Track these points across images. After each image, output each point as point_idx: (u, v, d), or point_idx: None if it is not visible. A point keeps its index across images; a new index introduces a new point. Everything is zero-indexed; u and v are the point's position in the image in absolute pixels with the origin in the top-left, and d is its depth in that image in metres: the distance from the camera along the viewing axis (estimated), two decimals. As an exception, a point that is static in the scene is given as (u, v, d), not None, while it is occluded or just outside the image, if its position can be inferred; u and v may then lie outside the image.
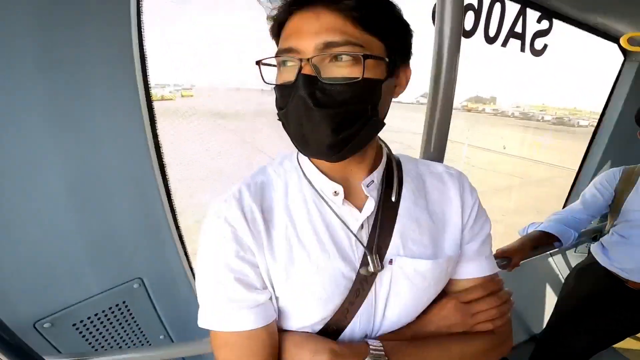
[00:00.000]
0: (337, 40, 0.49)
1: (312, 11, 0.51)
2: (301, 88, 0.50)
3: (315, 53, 0.50)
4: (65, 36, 0.82)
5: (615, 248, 1.49)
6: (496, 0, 1.45)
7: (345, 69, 0.50)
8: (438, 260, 0.60)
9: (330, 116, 0.51)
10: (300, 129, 0.53)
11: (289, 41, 0.52)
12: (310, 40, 0.50)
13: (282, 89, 0.54)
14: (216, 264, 0.55)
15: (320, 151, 0.53)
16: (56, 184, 0.89)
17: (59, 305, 0.94)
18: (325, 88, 0.50)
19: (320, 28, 0.50)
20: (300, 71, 0.50)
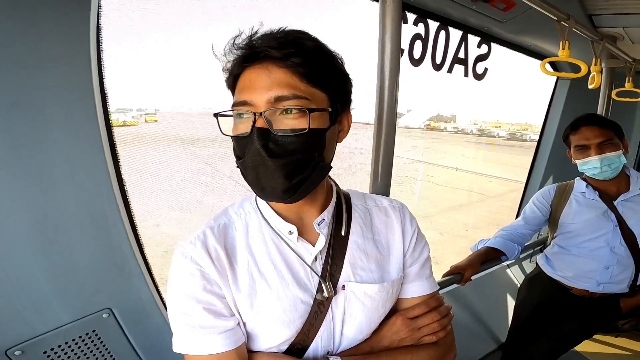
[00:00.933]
0: (286, 94, 0.56)
1: (263, 67, 0.57)
2: (256, 141, 0.56)
3: (267, 106, 0.56)
4: (22, 77, 0.84)
5: (556, 258, 1.60)
6: (441, 29, 1.57)
7: (293, 121, 0.57)
8: (384, 284, 0.68)
9: (282, 165, 0.57)
10: (257, 177, 0.59)
11: (243, 95, 0.58)
12: (262, 94, 0.56)
13: (238, 140, 0.60)
14: (185, 297, 0.61)
15: (276, 195, 0.60)
16: (17, 226, 0.91)
17: (29, 334, 0.95)
18: (277, 139, 0.57)
19: (271, 83, 0.56)
20: (254, 124, 0.56)
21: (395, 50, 0.90)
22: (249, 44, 0.59)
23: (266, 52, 0.56)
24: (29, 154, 0.89)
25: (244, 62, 0.59)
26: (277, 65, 0.57)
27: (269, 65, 0.57)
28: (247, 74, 0.59)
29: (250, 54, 0.58)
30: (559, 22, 1.30)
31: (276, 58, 0.56)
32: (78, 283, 1.02)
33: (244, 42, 0.60)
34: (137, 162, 8.55)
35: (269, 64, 0.57)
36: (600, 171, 1.41)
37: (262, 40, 0.58)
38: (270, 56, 0.57)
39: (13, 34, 0.80)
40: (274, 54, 0.56)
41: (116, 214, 1.07)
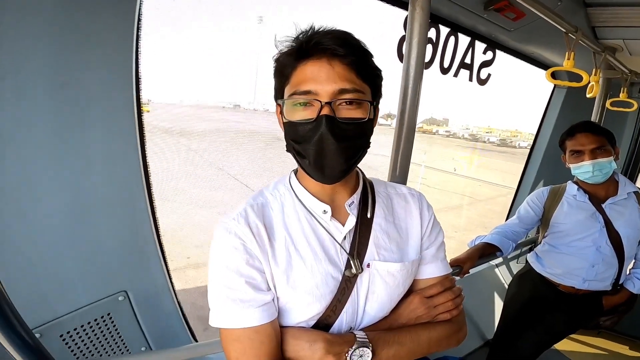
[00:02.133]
0: (348, 88, 0.63)
1: (325, 61, 0.63)
2: (324, 126, 0.61)
3: (332, 96, 0.62)
4: (75, 58, 0.88)
5: (546, 256, 1.70)
6: (451, 34, 1.64)
7: (353, 111, 0.64)
8: (404, 263, 0.73)
9: (344, 148, 0.64)
10: (320, 159, 0.64)
11: (307, 85, 0.63)
12: (327, 85, 0.62)
13: (300, 126, 0.64)
14: (229, 270, 0.65)
15: (334, 175, 0.66)
16: (54, 202, 0.93)
17: (49, 316, 0.97)
18: (340, 126, 0.63)
19: (335, 76, 0.62)
20: (320, 111, 0.62)
21: (420, 55, 0.96)
22: (311, 39, 0.63)
23: (332, 48, 0.62)
24: (69, 133, 0.92)
25: (305, 55, 0.64)
26: (340, 61, 0.63)
27: (332, 61, 0.62)
28: (309, 66, 0.63)
29: (314, 49, 0.63)
30: (566, 33, 1.36)
31: (339, 55, 0.62)
32: (100, 264, 1.05)
33: (304, 36, 0.64)
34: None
35: (333, 59, 0.63)
36: (592, 175, 1.50)
37: (326, 38, 0.63)
38: (334, 52, 0.62)
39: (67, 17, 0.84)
40: (338, 51, 0.62)
41: (142, 198, 1.10)
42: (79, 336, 1.03)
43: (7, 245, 0.89)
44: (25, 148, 0.86)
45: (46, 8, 0.81)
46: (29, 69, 0.82)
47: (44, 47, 0.83)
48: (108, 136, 0.98)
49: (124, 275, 1.11)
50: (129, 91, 0.98)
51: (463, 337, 0.80)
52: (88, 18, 0.86)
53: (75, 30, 0.85)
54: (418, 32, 0.94)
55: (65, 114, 0.90)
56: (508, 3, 1.40)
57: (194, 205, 7.43)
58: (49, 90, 0.85)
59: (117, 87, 0.97)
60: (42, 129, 0.87)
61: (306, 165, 0.67)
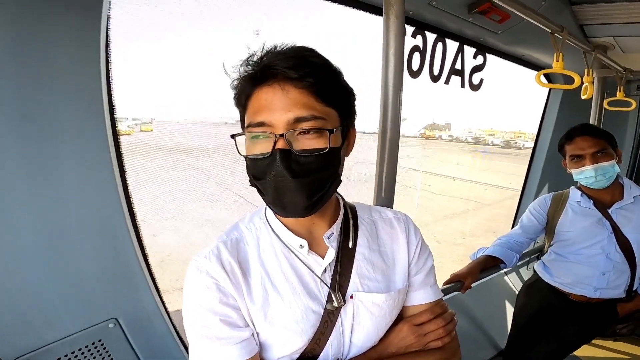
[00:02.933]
0: (305, 115, 0.57)
1: (279, 86, 0.57)
2: (278, 162, 0.57)
3: (287, 127, 0.57)
4: (36, 87, 0.85)
5: (554, 265, 1.64)
6: (438, 40, 1.61)
7: (313, 141, 0.59)
8: (390, 293, 0.70)
9: (305, 184, 0.59)
10: (279, 196, 0.60)
11: (260, 115, 0.58)
12: (281, 115, 0.57)
13: (257, 161, 0.60)
14: (202, 310, 0.62)
15: (297, 212, 0.62)
16: (28, 234, 0.92)
17: (37, 344, 0.96)
18: (298, 160, 0.58)
19: (289, 104, 0.57)
20: (274, 145, 0.57)
21: (398, 64, 0.92)
22: (262, 62, 0.58)
23: (283, 72, 0.56)
24: (40, 165, 0.90)
25: (257, 81, 0.59)
26: (294, 86, 0.57)
27: (285, 85, 0.57)
28: (262, 94, 0.59)
29: (264, 73, 0.58)
30: (552, 34, 1.33)
31: (292, 78, 0.57)
32: (85, 293, 1.03)
33: (256, 60, 0.60)
34: (135, 172, 8.50)
35: (286, 84, 0.57)
36: (595, 180, 1.45)
37: (276, 59, 0.57)
38: (286, 76, 0.57)
39: (25, 46, 0.82)
40: (290, 74, 0.56)
41: (123, 225, 1.08)
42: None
43: None
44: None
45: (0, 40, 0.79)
46: None
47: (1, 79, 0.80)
48: (81, 164, 0.97)
49: (112, 302, 1.09)
50: (100, 116, 0.96)
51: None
52: (47, 46, 0.84)
53: (34, 60, 0.83)
54: (394, 41, 0.91)
55: (32, 146, 0.88)
56: (491, 5, 1.37)
57: (197, 223, 7.41)
58: (10, 123, 0.83)
59: (87, 113, 0.94)
60: (9, 163, 0.85)
61: (268, 202, 0.64)
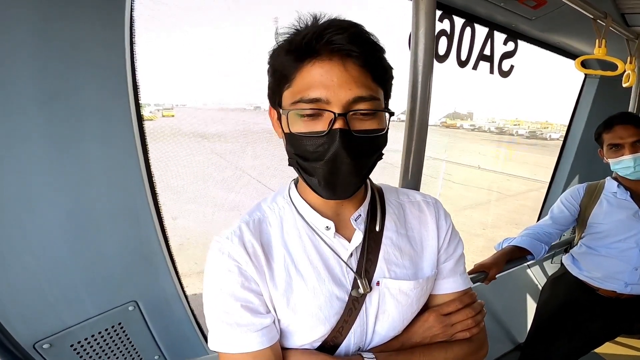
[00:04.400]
0: (365, 95, 0.54)
1: (337, 62, 0.53)
2: (338, 142, 0.53)
3: (347, 107, 0.53)
4: (62, 68, 0.85)
5: (584, 258, 1.58)
6: (466, 25, 1.55)
7: (369, 122, 0.56)
8: (418, 280, 0.67)
9: (361, 166, 0.57)
10: (331, 178, 0.57)
11: (316, 91, 0.53)
12: (341, 92, 0.53)
13: (308, 139, 0.56)
14: (223, 295, 0.60)
15: (346, 195, 0.59)
16: (53, 213, 0.92)
17: (58, 327, 0.97)
18: (357, 141, 0.55)
19: (350, 81, 0.53)
20: (332, 124, 0.53)
21: (429, 47, 0.89)
22: (321, 35, 0.53)
23: (345, 47, 0.52)
24: (65, 145, 0.91)
25: (311, 54, 0.54)
26: (354, 62, 0.53)
27: (346, 61, 0.53)
28: (317, 68, 0.54)
29: (322, 47, 0.53)
30: (595, 20, 1.27)
31: (353, 55, 0.53)
32: (107, 275, 1.04)
33: (310, 31, 0.54)
34: (157, 156, 8.72)
35: (347, 60, 0.53)
36: (634, 171, 1.38)
37: (335, 33, 0.52)
38: (348, 52, 0.53)
39: (51, 25, 0.82)
40: (352, 50, 0.52)
41: (146, 207, 1.08)
42: (90, 346, 1.04)
43: (8, 258, 0.89)
44: (20, 162, 0.85)
45: (28, 19, 0.79)
46: (14, 82, 0.81)
47: (28, 59, 0.81)
48: (106, 144, 0.97)
49: (132, 285, 1.10)
50: (124, 97, 0.96)
51: (484, 356, 0.73)
52: (74, 26, 0.85)
53: (61, 39, 0.84)
54: (424, 22, 0.87)
55: (59, 125, 0.88)
56: (527, -9, 1.30)
57: (218, 207, 7.55)
58: (38, 102, 0.84)
59: (112, 93, 0.94)
60: (35, 142, 0.86)
61: (314, 183, 0.59)
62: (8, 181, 0.85)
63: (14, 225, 0.88)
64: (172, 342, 1.21)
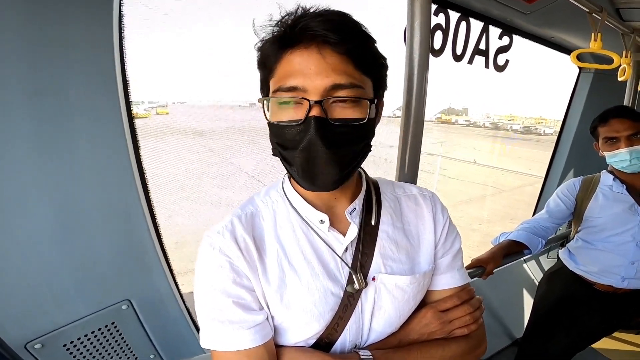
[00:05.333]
0: (343, 83, 0.53)
1: (316, 49, 0.52)
2: (313, 130, 0.52)
3: (323, 94, 0.52)
4: (47, 63, 0.83)
5: (580, 253, 1.58)
6: (462, 19, 1.54)
7: (349, 110, 0.54)
8: (415, 276, 0.65)
9: (339, 156, 0.55)
10: (308, 168, 0.56)
11: (293, 79, 0.53)
12: (317, 80, 0.52)
13: (286, 128, 0.55)
14: (214, 291, 0.58)
15: (326, 186, 0.58)
16: (41, 213, 0.91)
17: (49, 327, 0.96)
18: (334, 129, 0.53)
19: (327, 69, 0.52)
20: (309, 112, 0.52)
21: (424, 41, 0.87)
22: (298, 23, 0.53)
23: (322, 35, 0.51)
24: (53, 143, 0.88)
25: (290, 43, 0.53)
26: (332, 50, 0.52)
27: (323, 49, 0.52)
28: (296, 56, 0.53)
29: (300, 35, 0.52)
30: (590, 14, 1.27)
31: (331, 42, 0.52)
32: (99, 274, 1.02)
33: (289, 19, 0.54)
34: (151, 153, 8.68)
35: (324, 48, 0.52)
36: (630, 164, 1.38)
37: (314, 21, 0.52)
38: (325, 39, 0.52)
39: (37, 22, 0.80)
40: (329, 38, 0.51)
41: (137, 205, 1.06)
42: (83, 345, 1.02)
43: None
44: (7, 160, 0.83)
45: (16, 15, 0.77)
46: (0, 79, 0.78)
47: (14, 56, 0.79)
48: (95, 142, 0.94)
49: (125, 283, 1.08)
50: (114, 95, 0.94)
51: (482, 353, 0.72)
52: (61, 21, 0.82)
53: (47, 35, 0.81)
54: (420, 15, 0.86)
55: (47, 122, 0.86)
56: (520, -16, 1.29)
57: (214, 205, 7.52)
58: (25, 99, 0.82)
59: (101, 91, 0.92)
60: (23, 140, 0.84)
61: (294, 173, 0.58)
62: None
63: (1, 224, 0.86)
64: (167, 341, 1.20)
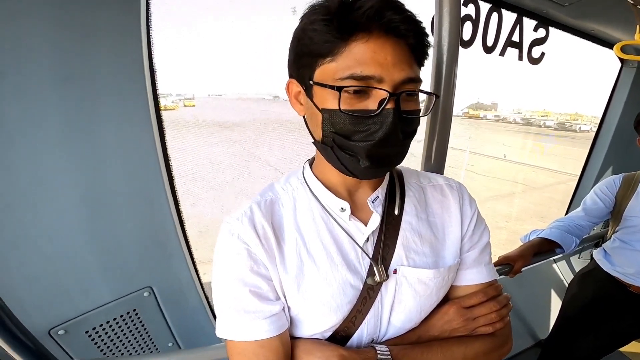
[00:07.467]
0: (414, 77, 0.52)
1: (391, 41, 0.51)
2: (391, 122, 0.51)
3: (397, 87, 0.51)
4: (78, 50, 0.85)
5: (617, 253, 1.51)
6: (493, 10, 1.48)
7: (412, 103, 0.54)
8: (439, 269, 0.62)
9: (405, 147, 0.55)
10: (375, 158, 0.54)
11: (368, 68, 0.50)
12: (395, 72, 0.51)
13: (353, 117, 0.52)
14: (231, 279, 0.57)
15: (382, 174, 0.58)
16: (67, 198, 0.91)
17: (73, 313, 0.96)
18: (406, 121, 0.53)
19: (402, 61, 0.51)
20: (385, 104, 0.51)
21: (454, 32, 0.84)
22: (378, 12, 0.50)
23: (404, 28, 0.50)
24: (80, 128, 0.89)
25: (360, 29, 0.50)
26: (406, 43, 0.51)
27: (398, 41, 0.51)
28: (370, 44, 0.50)
29: (375, 23, 0.50)
30: (635, 5, 1.19)
31: (404, 34, 0.51)
32: (123, 260, 1.03)
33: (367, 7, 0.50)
34: (178, 144, 8.92)
35: (398, 39, 0.51)
36: None
37: (387, 9, 0.50)
38: (400, 31, 0.50)
39: (67, 8, 0.81)
40: (403, 30, 0.50)
41: (162, 192, 1.06)
42: (105, 332, 1.03)
43: (23, 242, 0.88)
44: (34, 144, 0.85)
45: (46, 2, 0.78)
46: (29, 64, 0.80)
47: (44, 41, 0.80)
48: (122, 129, 0.95)
49: (147, 270, 1.08)
50: (141, 82, 0.95)
51: (507, 353, 0.68)
52: (90, 10, 0.84)
53: (77, 23, 0.83)
54: (449, 2, 0.83)
55: (73, 108, 0.87)
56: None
57: (237, 194, 7.66)
58: (53, 84, 0.83)
59: (128, 78, 0.93)
60: (50, 124, 0.85)
61: (351, 163, 0.56)
62: (23, 164, 0.84)
63: (29, 209, 0.87)
64: (185, 329, 1.20)
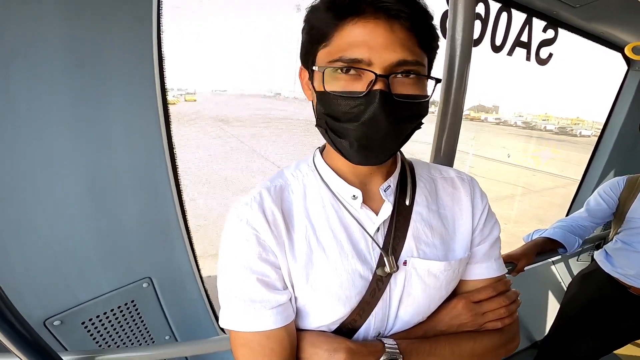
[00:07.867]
0: (410, 60, 0.50)
1: (383, 22, 0.49)
2: (378, 104, 0.49)
3: (389, 69, 0.50)
4: (90, 37, 0.84)
5: (618, 254, 1.51)
6: (503, 10, 1.48)
7: (411, 87, 0.52)
8: (450, 262, 0.62)
9: (399, 132, 0.53)
10: (365, 142, 0.53)
11: (358, 51, 0.50)
12: (384, 54, 0.49)
13: (342, 99, 0.52)
14: (239, 266, 0.56)
15: (377, 160, 0.55)
16: (70, 185, 0.90)
17: (70, 303, 0.95)
18: (398, 105, 0.51)
19: (395, 42, 0.49)
20: (373, 85, 0.50)
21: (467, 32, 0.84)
22: None
23: (393, 7, 0.48)
24: (88, 114, 0.89)
25: (355, 12, 0.50)
26: (401, 24, 0.49)
27: (393, 22, 0.49)
28: (360, 27, 0.50)
29: (368, 5, 0.49)
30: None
31: (401, 16, 0.49)
32: (123, 248, 1.01)
33: None
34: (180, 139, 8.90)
35: (394, 21, 0.49)
36: None
37: None
38: (395, 12, 0.49)
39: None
40: (400, 11, 0.49)
41: (165, 180, 1.04)
42: (101, 324, 1.01)
43: (24, 227, 0.87)
44: (41, 127, 0.84)
45: None
46: (41, 49, 0.79)
47: (56, 27, 0.80)
48: (128, 117, 0.95)
49: (148, 260, 1.06)
50: (149, 71, 0.94)
51: (515, 349, 0.68)
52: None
53: (89, 10, 0.82)
54: (464, 5, 0.82)
55: (82, 94, 0.87)
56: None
57: (237, 190, 7.66)
58: (64, 69, 0.83)
59: (137, 66, 0.93)
60: (57, 108, 0.85)
61: (343, 146, 0.55)
62: (27, 148, 0.83)
63: (33, 192, 0.86)
64: (183, 322, 1.18)
